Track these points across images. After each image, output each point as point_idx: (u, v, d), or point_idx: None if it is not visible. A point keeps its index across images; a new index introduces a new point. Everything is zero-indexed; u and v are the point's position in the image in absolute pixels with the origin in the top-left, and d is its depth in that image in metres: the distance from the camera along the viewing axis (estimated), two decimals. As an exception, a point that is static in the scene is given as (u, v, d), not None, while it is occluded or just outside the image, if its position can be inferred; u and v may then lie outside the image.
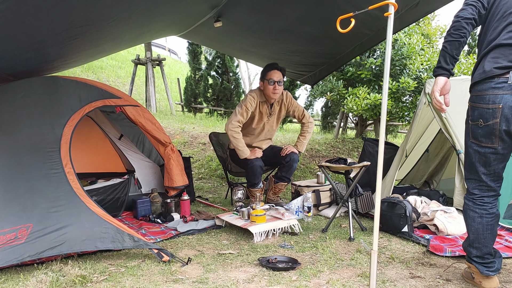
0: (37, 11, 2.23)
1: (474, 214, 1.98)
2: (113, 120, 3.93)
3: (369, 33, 3.88)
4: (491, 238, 1.99)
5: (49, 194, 2.53)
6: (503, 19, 1.87)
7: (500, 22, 1.87)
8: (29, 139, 2.71)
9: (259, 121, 3.80)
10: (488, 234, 1.97)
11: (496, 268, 2.00)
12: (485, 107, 1.81)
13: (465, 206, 2.04)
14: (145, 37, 4.92)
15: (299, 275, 2.31)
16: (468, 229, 2.03)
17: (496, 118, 1.79)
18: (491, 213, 1.97)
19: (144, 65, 11.55)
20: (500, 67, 1.79)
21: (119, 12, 2.76)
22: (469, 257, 2.06)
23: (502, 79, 1.77)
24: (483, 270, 1.99)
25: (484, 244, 1.98)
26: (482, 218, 1.96)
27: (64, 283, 2.19)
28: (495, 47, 1.84)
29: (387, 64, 1.91)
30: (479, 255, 2.00)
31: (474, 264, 2.02)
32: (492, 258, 2.01)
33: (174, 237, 3.04)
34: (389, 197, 3.22)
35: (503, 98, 1.76)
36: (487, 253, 1.99)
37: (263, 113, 3.78)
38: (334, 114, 10.78)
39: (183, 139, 7.02)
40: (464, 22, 1.91)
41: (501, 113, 1.77)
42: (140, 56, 11.57)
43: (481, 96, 1.84)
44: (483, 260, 2.00)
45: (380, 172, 1.95)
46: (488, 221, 1.96)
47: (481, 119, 1.84)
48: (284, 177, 3.85)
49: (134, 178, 3.88)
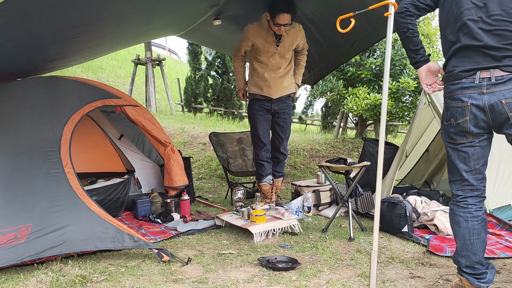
0: (37, 10, 2.23)
1: (459, 218, 1.94)
2: (113, 120, 3.92)
3: (368, 28, 3.87)
4: (480, 245, 1.91)
5: (49, 194, 2.53)
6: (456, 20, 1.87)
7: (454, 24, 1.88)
8: (29, 139, 2.71)
9: (265, 50, 3.57)
10: (476, 239, 1.91)
11: (488, 279, 1.91)
12: (455, 106, 1.87)
13: (450, 212, 2.01)
14: (145, 36, 4.92)
15: (299, 275, 2.31)
16: (455, 236, 1.97)
17: (465, 116, 1.85)
18: (476, 216, 1.92)
19: (144, 65, 11.54)
20: (466, 70, 1.84)
21: (119, 11, 2.75)
22: (459, 268, 1.98)
23: (469, 80, 1.83)
24: (473, 282, 1.91)
25: (472, 251, 1.91)
26: (467, 221, 1.92)
27: (64, 283, 2.19)
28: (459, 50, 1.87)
29: (387, 64, 1.91)
30: (469, 264, 1.92)
31: (465, 276, 1.94)
32: (483, 268, 1.92)
33: (174, 237, 3.04)
34: (389, 197, 3.23)
35: (470, 97, 1.83)
36: (477, 262, 1.92)
37: (267, 42, 3.54)
38: (334, 114, 10.77)
39: (183, 139, 7.02)
40: (399, 17, 1.97)
41: (469, 110, 1.84)
42: (140, 56, 11.56)
43: (451, 97, 1.89)
44: (473, 270, 1.92)
45: (380, 172, 1.95)
46: (473, 225, 1.91)
47: (452, 118, 1.90)
48: (275, 171, 3.84)
49: (134, 178, 3.88)
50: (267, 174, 3.78)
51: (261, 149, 3.75)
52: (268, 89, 3.62)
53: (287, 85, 3.70)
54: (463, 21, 1.84)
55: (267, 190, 3.82)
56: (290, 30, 3.52)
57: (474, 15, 1.81)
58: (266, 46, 3.53)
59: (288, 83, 3.70)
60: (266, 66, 3.61)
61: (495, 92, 1.78)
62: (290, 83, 3.72)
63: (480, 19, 1.80)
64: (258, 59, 3.62)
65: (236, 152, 4.68)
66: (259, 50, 3.57)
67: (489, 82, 1.79)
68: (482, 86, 1.80)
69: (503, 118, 1.80)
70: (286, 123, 3.79)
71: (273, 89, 3.63)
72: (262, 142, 3.73)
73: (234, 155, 4.65)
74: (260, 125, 3.71)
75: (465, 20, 1.83)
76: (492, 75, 1.78)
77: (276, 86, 3.63)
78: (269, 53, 3.56)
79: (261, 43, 3.53)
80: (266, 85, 3.62)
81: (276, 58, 3.58)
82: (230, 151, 4.64)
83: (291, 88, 3.74)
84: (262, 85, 3.63)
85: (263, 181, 3.78)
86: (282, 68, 3.63)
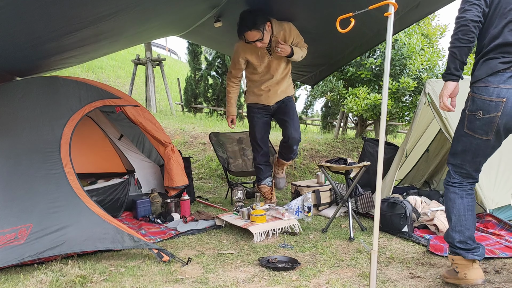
0: (34, 9, 2.23)
1: (454, 196, 2.03)
2: (113, 120, 3.92)
3: (370, 33, 3.88)
4: (472, 221, 2.02)
5: (49, 194, 2.52)
6: (503, 16, 1.87)
7: (501, 19, 1.88)
8: (28, 140, 2.71)
9: (259, 63, 3.49)
10: (469, 215, 2.01)
11: (481, 253, 2.00)
12: (488, 99, 1.82)
13: (446, 191, 2.10)
14: (145, 36, 4.91)
15: (299, 275, 2.31)
16: (450, 212, 2.05)
17: (498, 112, 1.80)
18: (470, 194, 2.03)
19: (144, 65, 11.54)
20: (505, 62, 1.81)
21: (117, 10, 2.75)
22: (452, 245, 2.06)
23: (508, 73, 1.79)
24: (467, 255, 1.99)
25: (466, 226, 2.01)
26: (462, 199, 2.02)
27: (64, 283, 2.19)
28: (498, 46, 1.85)
29: (387, 64, 1.91)
30: (462, 239, 2.01)
31: (458, 252, 2.02)
32: (474, 244, 2.02)
33: (174, 237, 3.04)
34: (389, 197, 3.23)
35: (508, 92, 1.78)
36: (469, 238, 2.01)
37: (259, 54, 3.46)
38: (334, 114, 10.77)
39: (183, 139, 7.02)
40: (472, 25, 1.87)
41: (503, 106, 1.79)
42: (140, 56, 11.56)
43: (485, 88, 1.84)
44: (466, 245, 2.01)
45: (380, 172, 1.95)
46: (468, 202, 2.02)
47: (480, 110, 1.86)
48: (284, 155, 3.71)
49: (134, 178, 3.88)
50: (266, 177, 3.76)
51: (258, 153, 3.71)
52: (266, 98, 3.59)
53: (285, 89, 3.62)
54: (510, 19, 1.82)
55: (267, 192, 3.82)
56: (279, 33, 3.39)
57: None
58: (259, 59, 3.48)
59: (285, 87, 3.62)
60: (263, 76, 3.55)
61: None
62: (287, 85, 3.64)
63: None
64: (255, 72, 3.57)
65: (236, 152, 4.69)
66: (254, 64, 3.51)
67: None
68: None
69: None
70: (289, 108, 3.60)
71: (271, 97, 3.59)
72: (260, 146, 3.67)
73: (234, 155, 4.65)
74: (258, 128, 3.65)
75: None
76: None
77: (274, 93, 3.58)
78: (265, 63, 3.49)
79: (254, 58, 3.48)
80: (264, 94, 3.58)
81: (273, 64, 3.50)
82: (230, 151, 4.64)
83: (288, 91, 3.65)
84: (260, 95, 3.59)
85: (262, 183, 3.77)
86: (279, 73, 3.55)
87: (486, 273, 2.30)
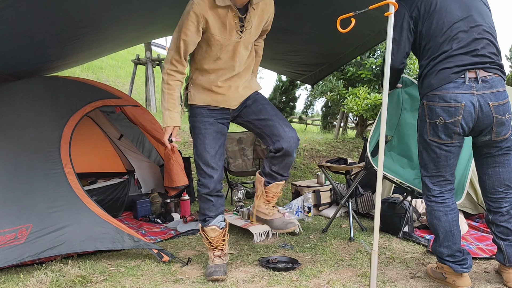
0: (36, 11, 2.23)
1: (439, 213, 2.07)
2: (113, 120, 3.92)
3: (370, 33, 3.88)
4: (458, 235, 2.08)
5: (49, 194, 2.52)
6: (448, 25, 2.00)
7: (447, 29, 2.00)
8: (29, 139, 2.70)
9: (224, 40, 2.18)
10: (455, 230, 2.06)
11: (469, 265, 2.07)
12: (447, 105, 1.94)
13: (428, 208, 2.12)
14: (146, 37, 4.92)
15: (299, 275, 2.30)
16: (436, 229, 2.09)
17: (458, 116, 1.93)
18: (453, 208, 2.07)
19: (144, 65, 11.53)
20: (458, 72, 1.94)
21: (120, 14, 2.75)
22: (440, 258, 2.11)
23: (460, 79, 1.93)
24: (457, 269, 2.05)
25: (453, 241, 2.06)
26: (447, 215, 2.06)
27: (64, 283, 2.19)
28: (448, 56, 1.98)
29: (387, 64, 1.91)
30: (450, 253, 2.07)
31: (448, 264, 2.08)
32: (462, 255, 2.07)
33: (174, 237, 3.04)
34: (389, 197, 3.22)
35: (463, 97, 1.91)
36: (457, 251, 2.07)
37: (227, 26, 2.16)
38: (334, 114, 10.76)
39: (183, 139, 7.02)
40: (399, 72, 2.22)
41: (463, 110, 1.92)
42: (140, 56, 11.55)
43: (442, 95, 1.96)
44: (454, 258, 2.06)
45: (381, 172, 1.95)
46: (453, 217, 2.06)
47: (441, 116, 1.96)
48: (277, 173, 2.35)
49: (134, 178, 3.88)
50: (218, 214, 2.38)
51: (210, 178, 2.30)
52: (225, 98, 2.32)
53: (248, 84, 2.41)
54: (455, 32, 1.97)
55: (216, 238, 2.39)
56: (258, 4, 2.21)
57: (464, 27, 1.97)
58: (226, 34, 2.17)
59: (248, 81, 2.42)
60: (224, 64, 2.26)
61: (482, 94, 1.90)
62: (250, 78, 2.44)
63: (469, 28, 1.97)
64: (210, 56, 2.24)
65: (236, 152, 4.68)
66: (212, 43, 2.19)
67: (477, 83, 1.91)
68: (472, 87, 1.91)
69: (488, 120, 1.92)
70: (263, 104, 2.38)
71: (233, 98, 2.34)
72: (212, 167, 2.30)
73: (234, 155, 4.64)
74: (209, 140, 2.32)
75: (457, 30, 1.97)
76: (478, 75, 1.91)
77: (236, 91, 2.34)
78: (229, 46, 2.21)
79: (218, 28, 2.15)
80: (221, 94, 2.31)
81: (240, 49, 2.25)
82: (230, 151, 4.64)
83: (253, 85, 2.45)
84: (215, 93, 2.31)
85: (210, 224, 2.36)
86: (243, 62, 2.34)
87: (486, 273, 2.30)
